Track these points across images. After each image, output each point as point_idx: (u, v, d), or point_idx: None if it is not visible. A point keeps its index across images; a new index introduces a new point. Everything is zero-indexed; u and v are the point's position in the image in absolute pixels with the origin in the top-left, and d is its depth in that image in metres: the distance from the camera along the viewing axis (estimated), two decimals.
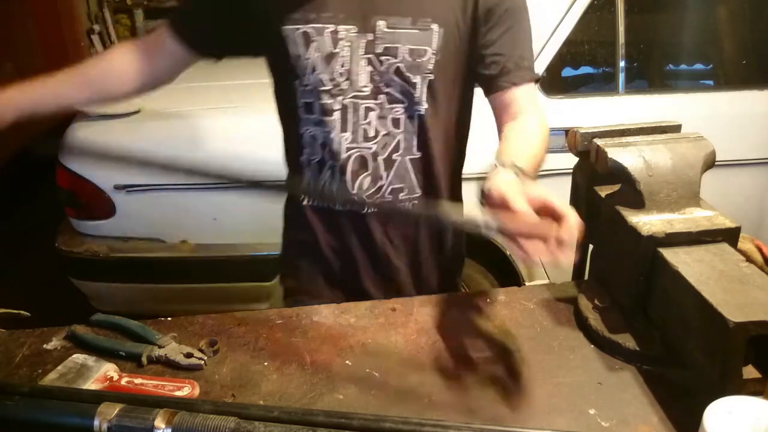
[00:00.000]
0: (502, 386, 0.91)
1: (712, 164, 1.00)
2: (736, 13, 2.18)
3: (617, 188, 1.04)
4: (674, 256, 0.90)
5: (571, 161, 1.13)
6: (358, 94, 1.06)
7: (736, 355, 0.76)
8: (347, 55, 1.04)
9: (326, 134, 1.09)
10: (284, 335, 1.04)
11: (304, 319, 1.08)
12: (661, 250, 0.91)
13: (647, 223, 0.94)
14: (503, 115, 1.09)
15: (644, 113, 1.71)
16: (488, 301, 1.12)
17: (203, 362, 0.96)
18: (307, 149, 1.13)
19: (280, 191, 1.25)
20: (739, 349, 0.76)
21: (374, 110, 1.07)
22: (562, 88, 2.02)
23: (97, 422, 0.73)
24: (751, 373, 0.79)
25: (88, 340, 1.00)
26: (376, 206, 1.13)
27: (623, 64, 2.00)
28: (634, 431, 0.82)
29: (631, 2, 1.96)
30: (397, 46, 1.03)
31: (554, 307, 1.10)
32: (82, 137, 1.92)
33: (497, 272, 2.16)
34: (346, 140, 1.08)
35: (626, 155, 0.98)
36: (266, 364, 0.97)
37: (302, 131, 1.12)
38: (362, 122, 1.08)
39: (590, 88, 2.11)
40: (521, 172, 0.90)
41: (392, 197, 1.13)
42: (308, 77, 1.06)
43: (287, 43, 1.04)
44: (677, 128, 1.07)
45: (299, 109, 1.10)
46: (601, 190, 1.06)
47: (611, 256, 1.05)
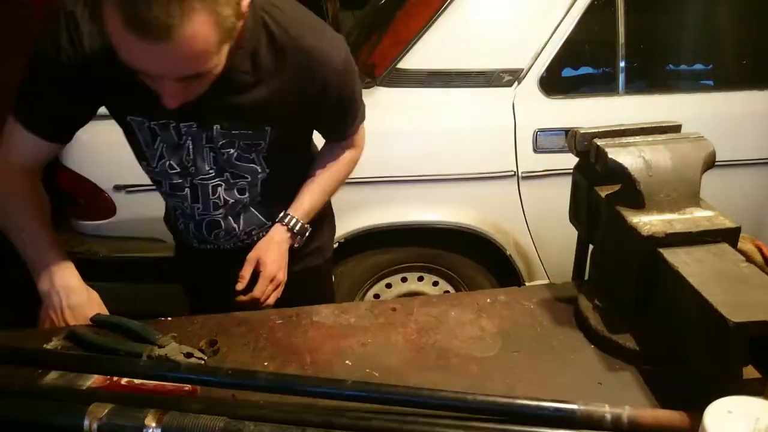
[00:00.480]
0: (502, 386, 0.91)
1: (712, 164, 1.00)
2: (736, 13, 2.18)
3: (617, 188, 1.03)
4: (674, 256, 0.90)
5: (571, 161, 1.13)
6: (204, 177, 1.16)
7: (736, 355, 0.76)
8: (191, 146, 1.12)
9: (179, 203, 1.21)
10: (284, 335, 1.04)
11: (304, 319, 1.08)
12: (661, 250, 0.91)
13: (647, 223, 0.94)
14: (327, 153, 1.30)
15: (644, 113, 1.71)
16: (488, 301, 1.12)
17: (203, 362, 0.96)
18: (169, 207, 1.29)
19: None
20: (739, 349, 0.76)
21: (221, 186, 1.18)
22: (562, 88, 2.02)
23: (87, 422, 0.73)
24: (751, 373, 0.79)
25: (88, 340, 1.00)
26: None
27: (623, 64, 2.00)
28: None
29: (631, 2, 1.96)
30: (234, 140, 1.12)
31: (554, 307, 1.10)
32: (82, 137, 1.92)
33: (497, 272, 2.16)
34: (198, 209, 1.20)
35: (626, 155, 0.98)
36: (266, 364, 0.97)
37: (161, 193, 1.25)
38: (212, 197, 1.19)
39: (590, 88, 2.11)
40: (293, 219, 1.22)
41: (246, 236, 1.27)
42: (157, 163, 1.15)
43: (135, 132, 1.11)
44: (677, 128, 1.07)
45: (154, 181, 1.20)
46: (601, 190, 1.06)
47: (611, 256, 1.05)
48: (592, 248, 1.15)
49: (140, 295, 2.12)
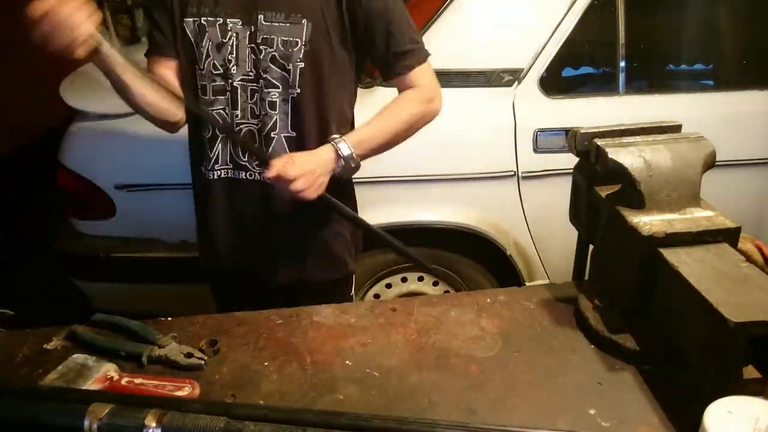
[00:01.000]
0: (502, 386, 0.91)
1: (712, 164, 1.00)
2: (736, 13, 2.18)
3: (617, 188, 1.04)
4: (674, 256, 0.90)
5: (571, 161, 1.13)
6: (244, 77, 1.24)
7: (736, 355, 0.76)
8: (234, 44, 1.22)
9: (221, 110, 1.26)
10: (284, 335, 1.04)
11: (304, 319, 1.08)
12: (661, 250, 0.91)
13: (647, 223, 0.94)
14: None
15: (644, 113, 1.71)
16: (488, 301, 1.12)
17: (203, 362, 0.96)
18: (205, 127, 1.30)
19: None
20: (739, 349, 0.76)
21: (258, 92, 1.24)
22: (562, 88, 2.02)
23: (87, 422, 0.74)
24: (751, 373, 0.79)
25: (88, 340, 1.00)
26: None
27: (623, 64, 1.99)
28: (633, 431, 0.83)
29: (631, 2, 1.96)
30: (273, 37, 1.20)
31: (554, 307, 1.10)
32: (82, 137, 1.92)
33: (497, 272, 2.16)
34: (236, 117, 1.26)
35: (626, 155, 0.98)
36: (266, 364, 0.97)
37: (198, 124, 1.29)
38: (249, 102, 1.25)
39: (590, 88, 2.10)
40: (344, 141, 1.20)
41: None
42: (203, 63, 1.24)
43: (188, 33, 1.23)
44: (677, 128, 1.07)
45: (198, 91, 1.26)
46: (601, 190, 1.06)
47: (611, 256, 1.05)
48: (592, 248, 1.15)
49: (140, 295, 2.12)
